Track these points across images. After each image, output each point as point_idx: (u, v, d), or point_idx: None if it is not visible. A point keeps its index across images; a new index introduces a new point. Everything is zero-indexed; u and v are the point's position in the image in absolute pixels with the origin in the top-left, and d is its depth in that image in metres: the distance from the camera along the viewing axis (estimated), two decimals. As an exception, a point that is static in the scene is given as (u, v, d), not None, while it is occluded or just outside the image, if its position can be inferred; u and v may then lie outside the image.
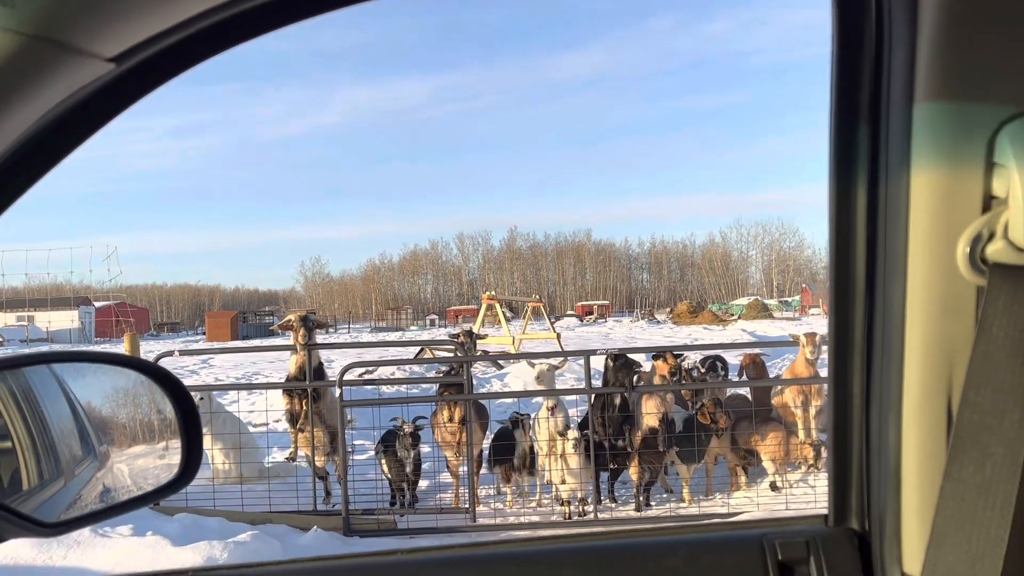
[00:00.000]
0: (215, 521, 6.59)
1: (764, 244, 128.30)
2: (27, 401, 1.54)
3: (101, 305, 69.59)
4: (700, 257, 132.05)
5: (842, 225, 1.17)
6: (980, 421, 0.98)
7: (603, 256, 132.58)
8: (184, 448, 1.29)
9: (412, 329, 73.20)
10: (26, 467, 1.48)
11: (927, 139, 1.03)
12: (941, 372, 1.07)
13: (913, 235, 1.06)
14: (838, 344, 1.22)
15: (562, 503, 7.26)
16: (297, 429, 7.71)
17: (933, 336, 1.07)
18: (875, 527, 1.23)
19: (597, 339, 35.71)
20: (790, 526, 1.34)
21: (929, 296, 1.06)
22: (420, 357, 17.21)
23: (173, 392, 1.30)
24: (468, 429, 7.28)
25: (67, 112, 0.86)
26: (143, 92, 0.90)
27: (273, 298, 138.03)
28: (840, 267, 1.19)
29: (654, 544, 1.33)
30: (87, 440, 1.70)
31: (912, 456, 1.11)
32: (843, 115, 1.14)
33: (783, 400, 7.73)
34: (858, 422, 1.23)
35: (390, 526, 7.01)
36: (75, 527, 1.21)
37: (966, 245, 1.02)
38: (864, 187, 1.14)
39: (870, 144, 1.13)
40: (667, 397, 7.42)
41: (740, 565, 1.28)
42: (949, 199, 1.03)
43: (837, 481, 1.28)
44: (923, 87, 1.03)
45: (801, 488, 7.57)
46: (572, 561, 1.30)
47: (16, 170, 0.86)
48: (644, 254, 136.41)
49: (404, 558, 1.34)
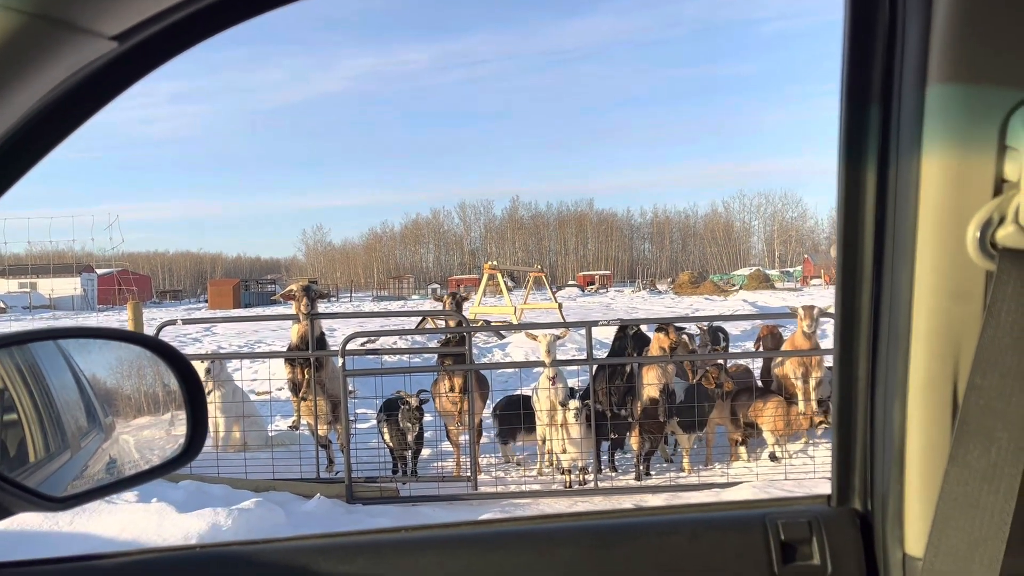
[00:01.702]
0: (219, 488, 6.66)
1: (767, 214, 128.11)
2: (33, 375, 1.55)
3: (103, 272, 69.64)
4: (702, 227, 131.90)
5: (851, 207, 1.16)
6: (986, 405, 0.98)
7: (605, 226, 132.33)
8: (189, 423, 1.30)
9: (414, 298, 73.28)
10: (32, 440, 1.49)
11: (939, 121, 1.02)
12: (947, 356, 1.07)
13: (923, 218, 1.05)
14: (845, 326, 1.22)
15: (563, 472, 7.33)
16: (300, 398, 7.76)
17: (940, 320, 1.06)
18: (878, 508, 1.23)
19: (598, 309, 35.76)
20: (793, 506, 1.34)
21: (937, 280, 1.05)
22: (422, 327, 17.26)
23: (179, 368, 1.30)
24: (469, 398, 7.32)
25: (70, 90, 0.85)
26: (146, 70, 0.90)
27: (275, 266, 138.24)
28: (848, 249, 1.18)
29: (657, 523, 1.34)
30: (92, 412, 1.71)
31: (916, 439, 1.11)
32: (854, 95, 1.13)
33: (784, 371, 7.77)
34: (863, 404, 1.23)
35: (392, 494, 7.08)
36: (82, 501, 1.22)
37: (976, 229, 1.01)
38: (874, 168, 1.13)
39: (881, 125, 1.12)
40: (668, 368, 7.45)
41: (743, 544, 1.28)
42: (960, 182, 1.01)
43: (841, 462, 1.29)
44: (936, 68, 1.01)
45: (800, 459, 7.62)
46: (576, 539, 1.31)
47: (20, 149, 0.85)
48: (646, 224, 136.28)
49: (408, 535, 1.34)
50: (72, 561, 1.32)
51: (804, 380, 7.57)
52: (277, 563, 1.29)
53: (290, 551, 1.30)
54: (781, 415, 7.41)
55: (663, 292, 62.77)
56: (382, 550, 1.30)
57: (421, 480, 7.43)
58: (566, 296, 46.12)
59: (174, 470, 1.30)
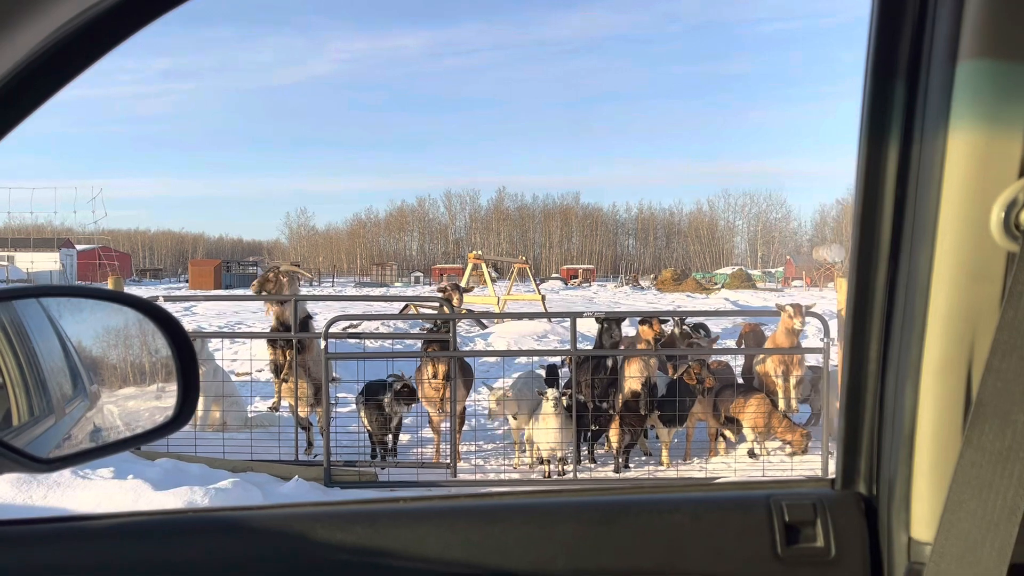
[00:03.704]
0: (196, 467, 6.60)
1: (751, 214, 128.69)
2: (18, 336, 1.51)
3: (83, 248, 68.90)
4: (687, 225, 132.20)
5: (871, 182, 1.14)
6: (1004, 388, 0.97)
7: (590, 220, 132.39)
8: (180, 388, 1.26)
9: (397, 285, 73.07)
10: (16, 403, 1.46)
11: (968, 98, 1.00)
12: (964, 338, 1.06)
13: (946, 196, 1.03)
14: (857, 307, 1.20)
15: (542, 462, 7.33)
16: (281, 379, 7.71)
17: (959, 302, 1.05)
18: (883, 492, 1.23)
19: (581, 303, 35.80)
20: (796, 488, 1.33)
21: (958, 261, 1.04)
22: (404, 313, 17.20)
23: (171, 332, 1.26)
24: (452, 386, 7.30)
25: (77, 30, 0.82)
26: (156, 12, 0.87)
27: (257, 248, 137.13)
28: (865, 227, 1.16)
29: (660, 500, 1.32)
30: (78, 379, 1.68)
31: (928, 423, 1.10)
32: (880, 69, 1.10)
33: (765, 368, 7.81)
34: (872, 387, 1.22)
35: (371, 478, 7.05)
36: (70, 464, 1.20)
37: (1001, 210, 1.00)
38: (896, 146, 1.11)
39: (906, 100, 1.10)
40: (650, 361, 7.47)
41: (746, 524, 1.27)
42: (986, 162, 1.00)
43: (847, 445, 1.28)
44: (968, 44, 0.99)
45: (778, 456, 7.67)
46: (577, 515, 1.29)
47: (20, 91, 0.83)
48: (631, 220, 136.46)
49: (406, 506, 1.33)
50: (63, 521, 1.30)
51: (785, 378, 7.61)
52: (271, 529, 1.27)
53: (285, 518, 1.29)
54: (763, 413, 7.45)
55: (646, 288, 62.92)
56: (379, 519, 1.28)
57: (400, 466, 7.41)
58: (549, 289, 46.07)
59: (164, 435, 1.27)
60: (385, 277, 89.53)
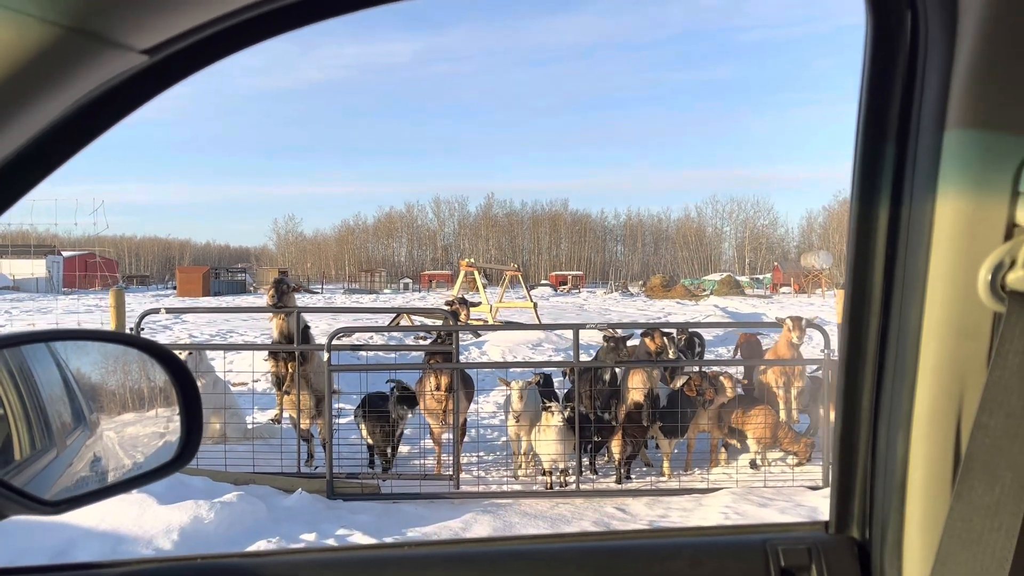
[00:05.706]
0: (199, 480, 6.57)
1: (739, 221, 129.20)
2: (22, 374, 1.51)
3: (69, 255, 68.36)
4: (675, 231, 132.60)
5: (862, 241, 1.18)
6: (992, 444, 1.00)
7: (579, 226, 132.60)
8: (184, 427, 1.27)
9: (386, 292, 72.90)
10: (19, 439, 1.46)
11: (955, 165, 1.04)
12: (953, 393, 1.09)
13: (934, 258, 1.07)
14: (850, 356, 1.23)
15: (544, 473, 7.34)
16: (283, 392, 7.70)
17: (947, 357, 1.09)
18: (876, 537, 1.25)
19: (571, 309, 35.85)
20: (791, 532, 1.36)
21: (946, 318, 1.08)
22: (396, 323, 17.14)
23: (175, 372, 1.28)
24: (455, 397, 7.31)
25: (96, 100, 0.85)
26: (170, 83, 0.90)
27: (245, 255, 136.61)
28: (857, 281, 1.20)
29: (658, 546, 1.35)
30: (78, 409, 1.67)
31: (919, 472, 1.14)
32: (871, 132, 1.14)
33: (767, 379, 7.86)
34: (865, 435, 1.25)
35: (374, 490, 7.04)
36: (75, 506, 1.19)
37: (987, 272, 1.04)
38: (887, 206, 1.15)
39: (896, 164, 1.14)
40: (653, 373, 7.51)
41: (744, 570, 1.30)
42: (973, 225, 1.04)
43: (840, 490, 1.30)
44: (955, 113, 1.03)
45: (779, 467, 7.71)
46: (579, 561, 1.32)
47: (41, 155, 0.85)
48: (620, 226, 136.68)
49: (412, 552, 1.35)
50: (71, 569, 1.30)
51: (786, 389, 7.66)
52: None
53: (292, 565, 1.30)
54: (768, 424, 7.48)
55: (635, 295, 63.05)
56: (385, 567, 1.31)
57: (403, 477, 7.40)
58: (538, 296, 46.02)
59: (168, 474, 1.27)
60: (374, 284, 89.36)
